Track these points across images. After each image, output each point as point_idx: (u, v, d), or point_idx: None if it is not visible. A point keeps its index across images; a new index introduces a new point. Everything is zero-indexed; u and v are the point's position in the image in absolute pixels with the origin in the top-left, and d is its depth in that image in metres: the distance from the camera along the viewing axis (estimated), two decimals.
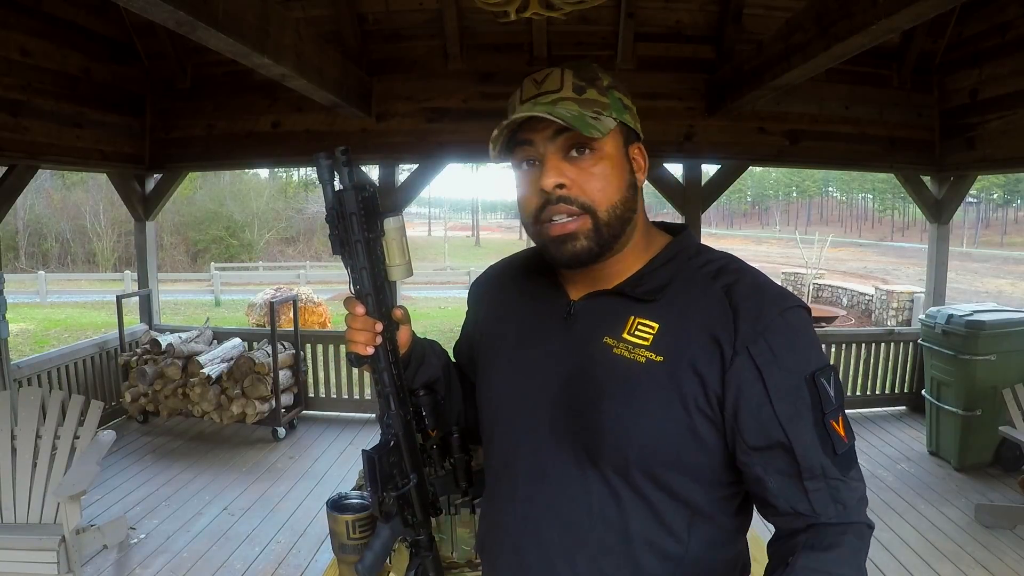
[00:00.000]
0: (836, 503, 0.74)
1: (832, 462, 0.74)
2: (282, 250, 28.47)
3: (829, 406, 0.74)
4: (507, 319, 0.93)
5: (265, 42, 2.58)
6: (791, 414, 0.73)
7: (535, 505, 0.83)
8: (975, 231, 45.33)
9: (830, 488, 0.74)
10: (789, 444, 0.73)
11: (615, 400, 0.78)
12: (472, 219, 50.76)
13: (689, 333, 0.76)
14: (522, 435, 0.85)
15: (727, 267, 0.81)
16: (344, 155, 0.81)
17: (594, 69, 0.81)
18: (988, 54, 4.02)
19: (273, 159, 4.79)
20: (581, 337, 0.83)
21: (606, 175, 0.79)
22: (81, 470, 2.47)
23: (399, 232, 0.86)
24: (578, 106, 0.78)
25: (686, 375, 0.75)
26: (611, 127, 0.78)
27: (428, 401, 0.92)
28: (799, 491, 0.74)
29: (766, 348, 0.74)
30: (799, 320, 0.77)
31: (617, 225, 0.80)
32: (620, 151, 0.81)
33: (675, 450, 0.76)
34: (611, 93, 0.80)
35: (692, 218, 4.45)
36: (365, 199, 0.82)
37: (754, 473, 0.76)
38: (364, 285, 0.84)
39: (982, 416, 3.71)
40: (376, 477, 0.87)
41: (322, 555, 2.94)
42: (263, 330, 5.30)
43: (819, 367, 0.75)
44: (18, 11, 3.56)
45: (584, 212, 0.78)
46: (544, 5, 2.73)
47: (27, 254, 23.85)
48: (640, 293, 0.81)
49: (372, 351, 0.85)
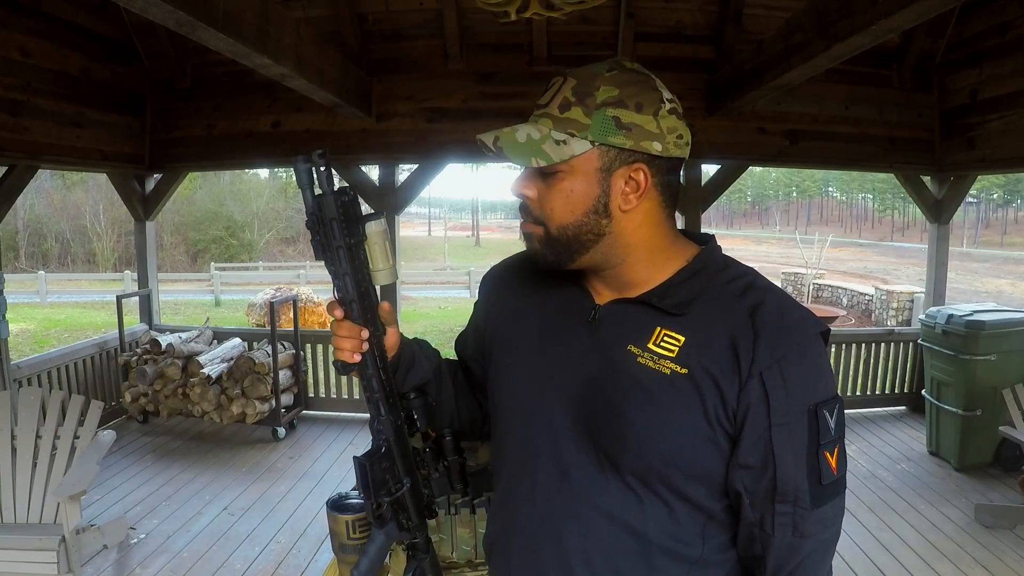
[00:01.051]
0: (796, 533, 0.76)
1: (810, 492, 0.76)
2: (282, 250, 28.48)
3: (826, 437, 0.76)
4: (527, 316, 0.92)
5: (265, 42, 2.58)
6: (783, 440, 0.75)
7: (555, 505, 0.83)
8: (975, 231, 45.35)
9: (796, 516, 0.76)
10: (774, 466, 0.75)
11: (639, 409, 0.78)
12: (472, 219, 50.74)
13: (712, 349, 0.77)
14: (542, 434, 0.85)
15: (753, 285, 0.82)
16: (322, 158, 0.79)
17: (596, 82, 0.77)
18: (988, 54, 4.02)
19: (273, 159, 4.78)
20: (605, 342, 0.83)
21: (564, 196, 0.79)
22: (81, 470, 2.47)
23: (381, 236, 0.85)
24: (552, 125, 0.77)
25: (708, 389, 0.76)
26: (576, 152, 0.77)
27: (419, 404, 0.92)
28: (769, 512, 0.76)
29: (778, 374, 0.75)
30: (815, 351, 0.78)
31: (570, 243, 0.82)
32: (593, 175, 0.78)
33: (696, 460, 0.77)
34: (599, 113, 0.76)
35: (692, 218, 4.45)
36: (345, 203, 0.80)
37: (735, 488, 0.77)
38: (348, 291, 0.83)
39: (982, 416, 3.71)
40: (368, 483, 0.87)
41: (322, 555, 2.94)
42: (263, 330, 5.30)
43: (825, 399, 0.77)
44: (18, 11, 3.56)
45: (537, 223, 0.83)
46: (544, 5, 2.73)
47: (27, 254, 23.86)
48: (667, 306, 0.81)
49: (359, 358, 0.85)
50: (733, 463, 0.77)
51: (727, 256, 0.87)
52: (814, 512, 0.76)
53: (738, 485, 0.77)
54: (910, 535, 3.09)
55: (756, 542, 0.78)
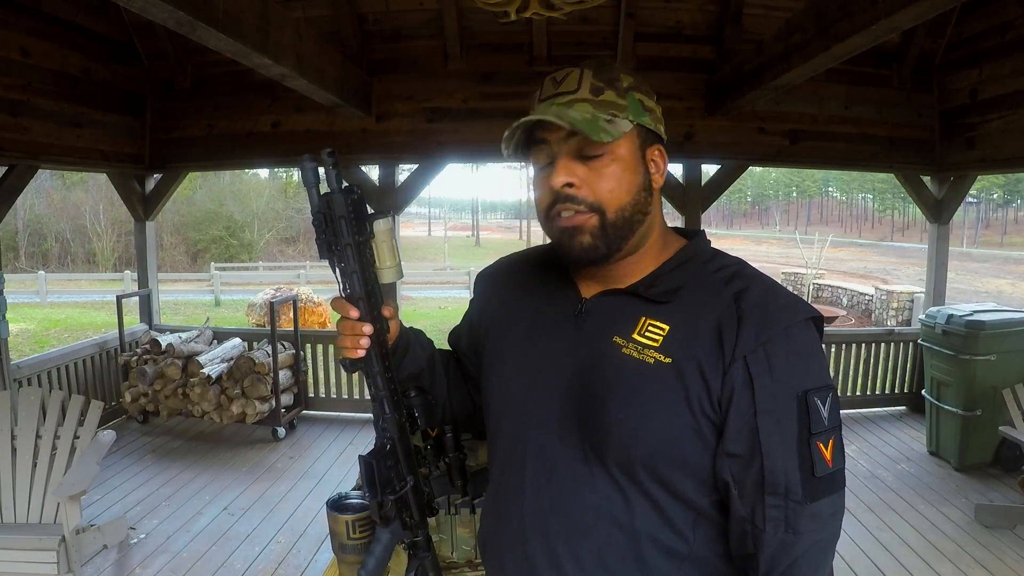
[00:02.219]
0: (788, 529, 0.73)
1: (802, 485, 0.73)
2: (282, 250, 28.47)
3: (818, 427, 0.74)
4: (517, 312, 0.93)
5: (265, 42, 2.58)
6: (771, 427, 0.73)
7: (543, 499, 0.83)
8: (975, 231, 45.33)
9: (788, 509, 0.73)
10: (761, 456, 0.73)
11: (623, 400, 0.78)
12: (472, 219, 50.76)
13: (697, 336, 0.77)
14: (531, 429, 0.86)
15: (740, 273, 0.82)
16: (331, 157, 0.80)
17: (615, 70, 0.81)
18: (988, 54, 4.02)
19: (273, 159, 4.79)
20: (591, 335, 0.83)
21: (617, 176, 0.79)
22: (81, 470, 2.47)
23: (388, 234, 0.86)
24: (593, 108, 0.78)
25: (693, 377, 0.76)
26: (625, 130, 0.79)
27: (419, 402, 0.92)
28: (759, 504, 0.74)
29: (763, 359, 0.74)
30: (804, 336, 0.77)
31: (624, 227, 0.80)
32: (635, 153, 0.81)
33: (680, 451, 0.77)
34: (630, 95, 0.80)
35: (692, 218, 4.45)
36: (354, 202, 0.81)
37: (723, 478, 0.76)
38: (355, 289, 0.84)
39: (982, 416, 3.71)
40: (375, 481, 0.87)
41: (322, 555, 2.94)
42: (263, 330, 5.29)
43: (816, 386, 0.75)
44: (18, 11, 3.56)
45: (592, 211, 0.79)
46: (544, 5, 2.74)
47: (27, 254, 23.85)
48: (653, 294, 0.82)
49: (363, 354, 0.85)
50: (719, 451, 0.75)
51: (716, 248, 0.88)
52: (807, 507, 0.73)
53: (725, 475, 0.75)
54: (910, 535, 3.08)
55: (748, 538, 0.76)
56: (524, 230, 41.26)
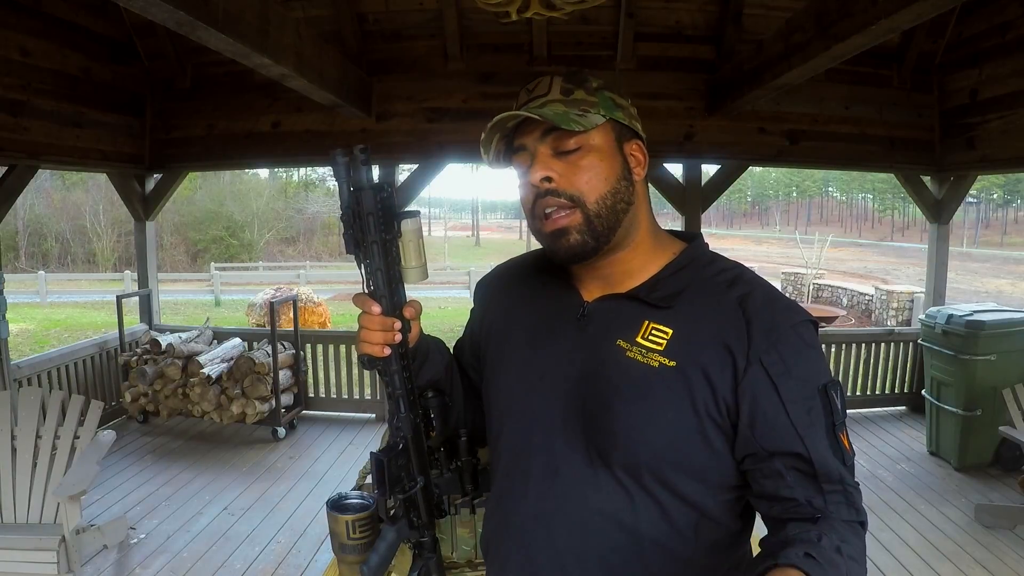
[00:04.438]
0: (851, 508, 0.74)
1: (847, 472, 0.75)
2: (282, 250, 28.49)
3: (839, 418, 0.76)
4: (518, 317, 0.93)
5: (265, 42, 2.58)
6: (807, 423, 0.74)
7: (547, 503, 0.83)
8: (975, 231, 45.34)
9: (847, 494, 0.74)
10: (807, 453, 0.74)
11: (628, 403, 0.78)
12: (472, 219, 50.77)
13: (702, 340, 0.78)
14: (534, 433, 0.86)
15: (741, 277, 0.83)
16: (363, 153, 0.79)
17: (583, 74, 0.84)
18: (988, 54, 4.02)
19: (273, 159, 4.78)
20: (594, 338, 0.84)
21: (594, 167, 0.81)
22: (81, 470, 2.47)
23: (416, 234, 0.85)
24: (564, 106, 0.81)
25: (697, 380, 0.76)
26: (598, 122, 0.81)
27: (436, 403, 0.91)
28: (817, 491, 0.74)
29: (778, 359, 0.75)
30: (809, 334, 0.79)
31: (610, 216, 0.81)
32: (611, 145, 0.82)
33: (685, 453, 0.77)
34: (600, 93, 0.83)
35: (692, 218, 4.45)
36: (383, 199, 0.80)
37: (774, 468, 0.75)
38: (379, 286, 0.83)
39: (982, 416, 3.71)
40: (384, 480, 0.86)
41: (322, 555, 2.94)
42: (263, 330, 5.29)
43: (829, 380, 0.77)
44: (18, 11, 3.56)
45: (574, 205, 0.80)
46: (545, 5, 2.73)
47: (27, 254, 23.86)
48: (655, 299, 0.82)
49: (388, 352, 0.83)
50: (759, 455, 0.75)
51: (715, 252, 0.88)
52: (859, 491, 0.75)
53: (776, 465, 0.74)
54: (910, 535, 3.09)
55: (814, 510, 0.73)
56: (524, 230, 41.28)
